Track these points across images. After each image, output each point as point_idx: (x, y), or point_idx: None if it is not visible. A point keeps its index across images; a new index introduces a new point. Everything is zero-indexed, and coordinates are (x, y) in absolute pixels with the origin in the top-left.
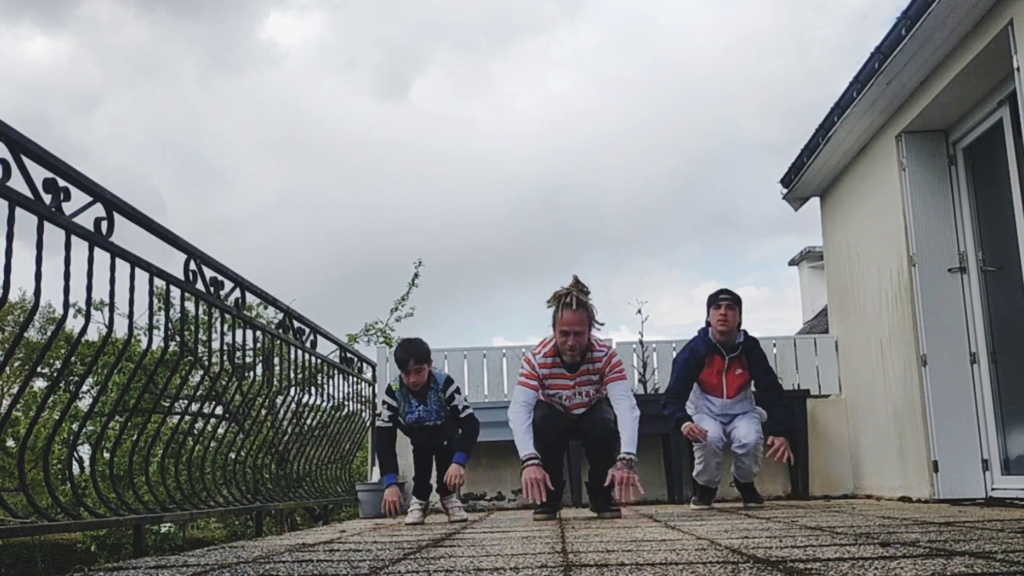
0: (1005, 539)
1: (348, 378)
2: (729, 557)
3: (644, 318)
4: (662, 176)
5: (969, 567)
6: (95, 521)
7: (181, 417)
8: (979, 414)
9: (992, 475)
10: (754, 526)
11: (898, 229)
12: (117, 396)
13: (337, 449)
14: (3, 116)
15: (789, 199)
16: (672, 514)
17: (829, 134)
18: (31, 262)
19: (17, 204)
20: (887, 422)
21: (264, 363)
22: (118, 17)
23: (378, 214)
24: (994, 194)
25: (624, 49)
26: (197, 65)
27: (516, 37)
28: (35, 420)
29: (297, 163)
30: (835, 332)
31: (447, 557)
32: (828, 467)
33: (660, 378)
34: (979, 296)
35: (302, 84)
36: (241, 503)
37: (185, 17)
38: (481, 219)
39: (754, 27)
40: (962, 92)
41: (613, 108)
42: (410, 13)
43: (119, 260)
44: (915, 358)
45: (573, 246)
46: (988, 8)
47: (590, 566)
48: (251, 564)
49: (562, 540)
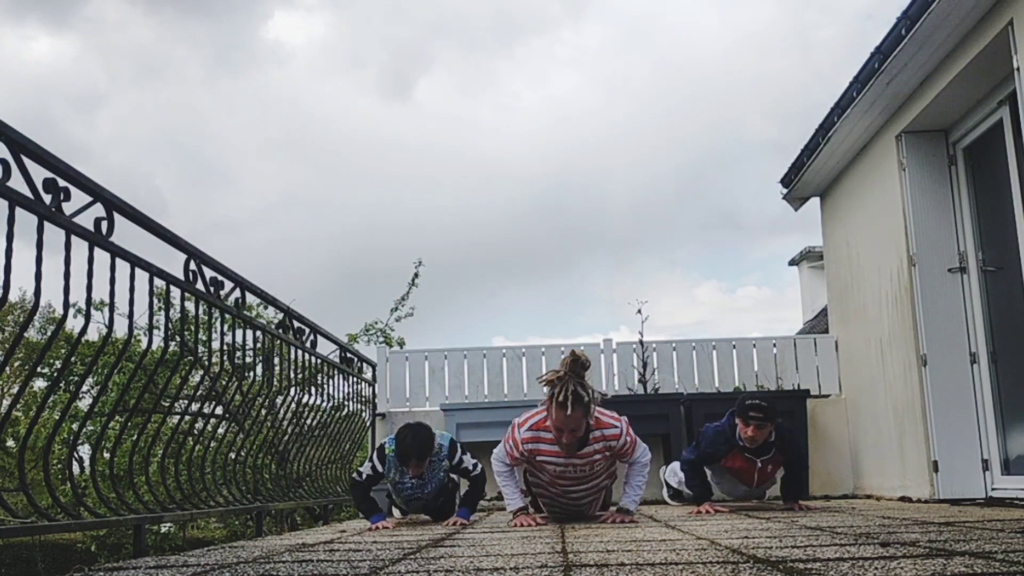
0: (1005, 539)
1: (348, 378)
2: (729, 557)
3: (644, 318)
4: (665, 176)
5: (969, 567)
6: (95, 521)
7: (181, 417)
8: (979, 414)
9: (992, 475)
10: (754, 526)
11: (898, 229)
12: (117, 396)
13: (337, 449)
14: (7, 116)
15: (789, 199)
16: (672, 514)
17: (829, 134)
18: (31, 262)
19: (17, 204)
20: (887, 422)
21: (264, 363)
22: (124, 17)
23: (380, 214)
24: (994, 194)
25: (628, 48)
26: (202, 65)
27: (520, 36)
28: (35, 420)
29: (300, 163)
30: (835, 332)
31: (447, 557)
32: (828, 467)
33: (660, 378)
34: (979, 296)
35: (307, 84)
36: (241, 503)
37: (193, 15)
38: (483, 219)
39: (758, 26)
40: (962, 92)
41: (616, 107)
42: (415, 13)
43: (119, 260)
44: (915, 358)
45: (575, 246)
46: (988, 8)
47: (590, 566)
48: (251, 564)
49: (562, 540)
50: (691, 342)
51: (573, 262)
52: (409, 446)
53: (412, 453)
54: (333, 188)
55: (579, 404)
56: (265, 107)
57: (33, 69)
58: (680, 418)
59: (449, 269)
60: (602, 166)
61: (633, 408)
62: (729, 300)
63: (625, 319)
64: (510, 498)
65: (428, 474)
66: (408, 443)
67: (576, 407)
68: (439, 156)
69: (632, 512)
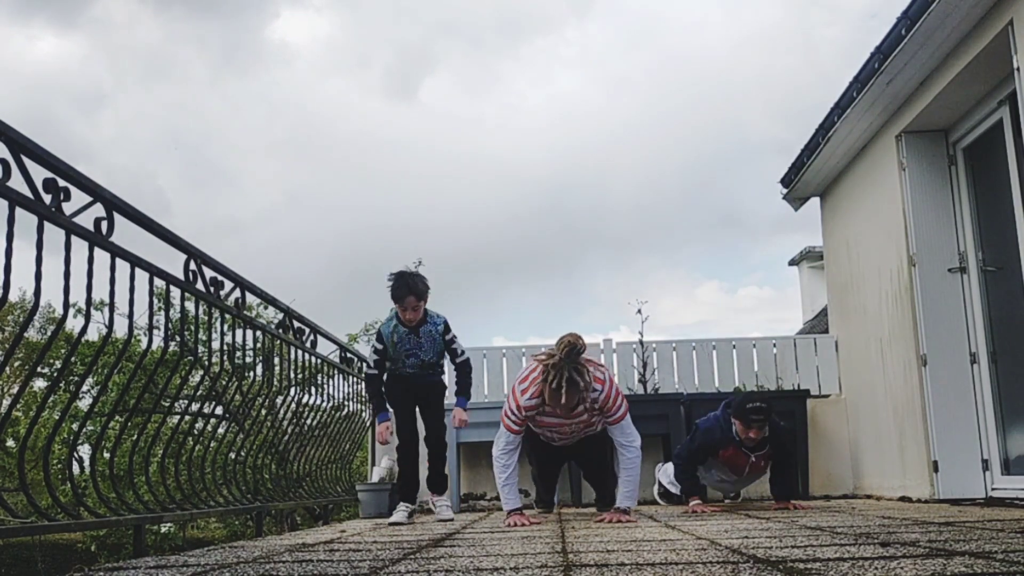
0: (1005, 539)
1: (348, 378)
2: (729, 557)
3: (644, 318)
4: (669, 175)
5: (969, 567)
6: (95, 521)
7: (181, 417)
8: (979, 414)
9: (992, 475)
10: (754, 526)
11: (898, 229)
12: (117, 396)
13: (337, 449)
14: (11, 115)
15: (789, 199)
16: (672, 514)
17: (829, 134)
18: (31, 262)
19: (17, 204)
20: (887, 422)
21: (264, 363)
22: (132, 17)
23: (382, 214)
24: (994, 194)
25: (632, 47)
26: (208, 65)
27: (525, 36)
28: (35, 420)
29: (304, 163)
30: (835, 332)
31: (447, 557)
32: (828, 467)
33: (660, 378)
34: (979, 296)
35: (312, 84)
36: (241, 503)
37: (202, 14)
38: (484, 218)
39: (763, 25)
40: (962, 92)
41: (620, 107)
42: (421, 13)
43: (119, 260)
44: (915, 358)
45: (576, 245)
46: (988, 8)
47: (590, 566)
48: (251, 564)
49: (562, 540)
50: (691, 342)
51: (574, 262)
52: (404, 285)
53: (408, 291)
54: (336, 188)
55: (573, 390)
56: (270, 107)
57: (38, 69)
58: (680, 418)
59: (450, 269)
60: (605, 165)
61: (633, 408)
62: (731, 300)
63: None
64: (507, 498)
65: (425, 335)
66: (402, 281)
67: (570, 393)
68: (442, 156)
69: (629, 511)
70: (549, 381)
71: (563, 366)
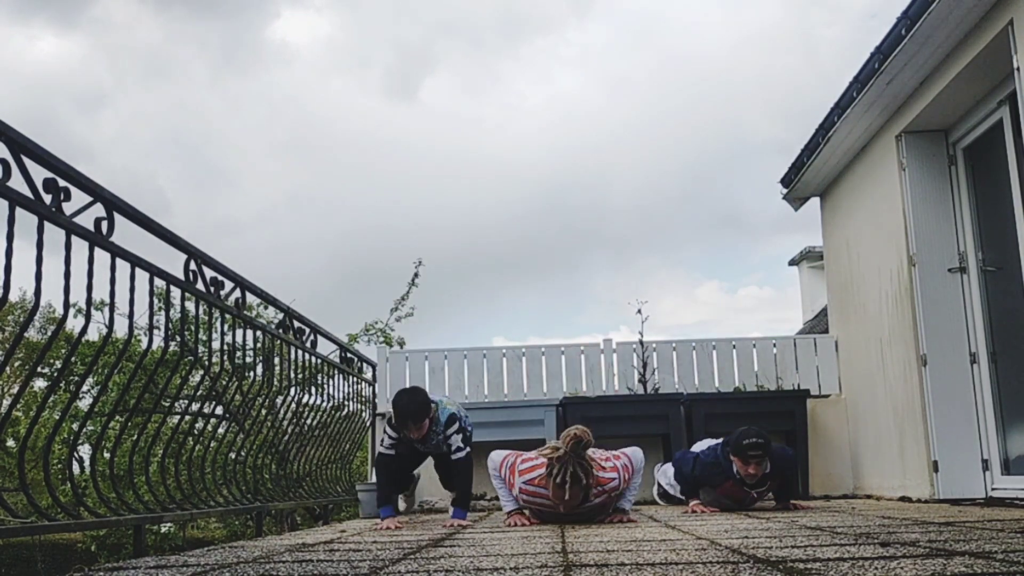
0: (1005, 539)
1: (348, 378)
2: (729, 557)
3: (644, 318)
4: (668, 175)
5: (969, 567)
6: (95, 521)
7: (181, 417)
8: (979, 414)
9: (992, 475)
10: (754, 526)
11: (898, 229)
12: (117, 396)
13: (337, 449)
14: (11, 115)
15: (789, 199)
16: (672, 514)
17: (829, 134)
18: (31, 262)
19: (17, 204)
20: (887, 422)
21: (264, 363)
22: (132, 17)
23: (383, 214)
24: (994, 194)
25: (633, 47)
26: (209, 65)
27: (526, 36)
28: (35, 420)
29: (305, 164)
30: (835, 332)
31: (447, 557)
32: (828, 467)
33: (660, 378)
34: (979, 296)
35: (312, 84)
36: (241, 503)
37: (202, 14)
38: (484, 218)
39: (763, 25)
40: (962, 92)
41: (620, 107)
42: (421, 13)
43: (119, 260)
44: (915, 358)
45: (576, 245)
46: (988, 8)
47: (590, 566)
48: (251, 564)
49: (562, 540)
50: (691, 342)
51: (574, 261)
52: (401, 413)
53: (407, 418)
54: (336, 188)
55: (577, 485)
56: (270, 107)
57: (39, 69)
58: (680, 418)
59: (450, 269)
60: (605, 165)
61: (633, 408)
62: (731, 300)
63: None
64: (505, 499)
65: (432, 438)
66: (400, 410)
67: (574, 489)
68: (443, 156)
69: (628, 511)
70: (553, 475)
71: (568, 460)
